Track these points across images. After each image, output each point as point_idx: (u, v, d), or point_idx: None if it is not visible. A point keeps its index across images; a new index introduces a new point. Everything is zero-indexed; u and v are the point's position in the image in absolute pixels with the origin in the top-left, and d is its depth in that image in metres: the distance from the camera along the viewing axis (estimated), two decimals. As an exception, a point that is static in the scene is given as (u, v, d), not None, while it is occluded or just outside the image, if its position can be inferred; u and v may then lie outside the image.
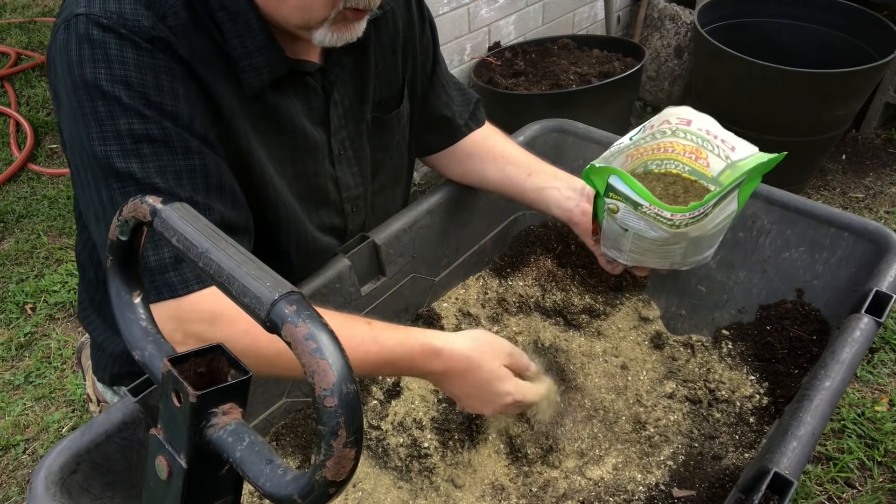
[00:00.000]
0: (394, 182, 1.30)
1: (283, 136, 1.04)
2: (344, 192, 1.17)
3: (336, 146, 1.13)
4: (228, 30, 0.93)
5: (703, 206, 0.92)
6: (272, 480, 0.43)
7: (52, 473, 0.86)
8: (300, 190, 1.10)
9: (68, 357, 2.38)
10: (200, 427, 0.46)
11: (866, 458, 1.90)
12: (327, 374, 0.39)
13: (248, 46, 0.94)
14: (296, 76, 1.03)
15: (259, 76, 0.96)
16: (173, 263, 0.91)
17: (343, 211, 1.18)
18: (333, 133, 1.11)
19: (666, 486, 1.06)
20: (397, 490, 1.08)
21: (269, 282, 0.42)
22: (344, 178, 1.16)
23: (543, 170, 1.25)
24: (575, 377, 1.23)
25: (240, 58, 0.94)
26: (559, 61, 2.94)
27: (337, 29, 0.94)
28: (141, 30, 0.87)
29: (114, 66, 0.86)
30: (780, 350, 1.18)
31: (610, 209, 0.99)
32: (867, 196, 2.90)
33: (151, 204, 0.48)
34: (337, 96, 1.10)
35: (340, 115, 1.11)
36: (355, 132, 1.15)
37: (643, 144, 1.02)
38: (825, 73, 2.48)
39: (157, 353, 0.52)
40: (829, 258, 1.19)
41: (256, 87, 0.97)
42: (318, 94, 1.07)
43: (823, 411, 0.89)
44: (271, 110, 1.01)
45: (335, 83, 1.08)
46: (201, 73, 0.92)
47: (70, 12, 0.89)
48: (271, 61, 0.96)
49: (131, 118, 0.88)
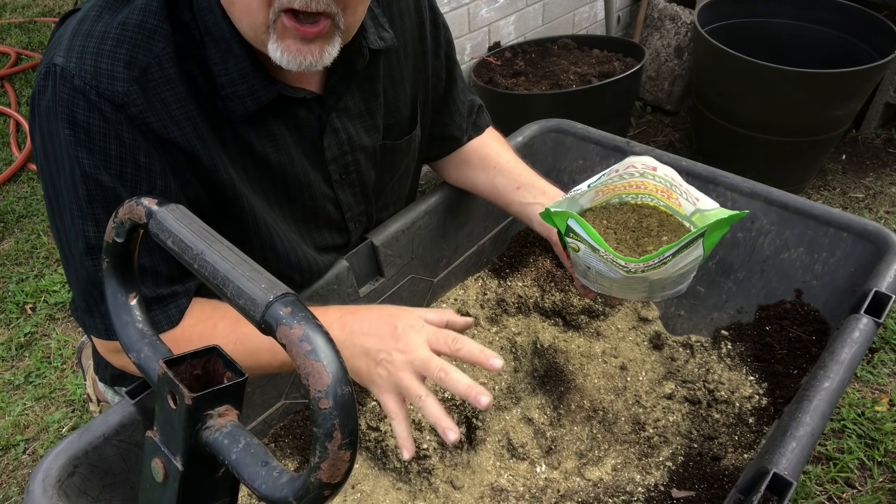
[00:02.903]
0: (397, 200, 1.29)
1: (273, 168, 1.01)
2: (346, 212, 1.15)
3: (336, 172, 1.10)
4: (212, 55, 0.91)
5: (658, 257, 0.91)
6: (268, 483, 0.43)
7: (50, 476, 0.86)
8: (297, 215, 1.08)
9: (68, 357, 2.38)
10: (196, 429, 0.46)
11: (866, 458, 1.90)
12: (322, 375, 0.39)
13: (231, 73, 0.92)
14: (287, 107, 0.99)
15: (243, 105, 0.93)
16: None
17: (347, 229, 1.17)
18: (332, 160, 1.08)
19: (665, 486, 1.06)
20: (396, 491, 1.07)
21: (263, 283, 0.42)
22: (346, 199, 1.14)
23: (533, 184, 1.23)
24: (574, 378, 1.22)
25: (223, 85, 0.92)
26: (559, 61, 2.94)
27: (286, 47, 0.87)
28: (113, 95, 0.85)
29: (79, 132, 0.86)
30: (780, 350, 1.18)
31: (572, 248, 1.00)
32: (867, 196, 2.89)
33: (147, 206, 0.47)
34: (338, 124, 1.06)
35: (343, 141, 1.08)
36: (362, 158, 1.12)
37: (612, 183, 1.02)
38: (825, 73, 2.47)
39: (153, 356, 0.52)
40: (828, 258, 1.18)
41: (241, 116, 0.94)
42: (312, 123, 1.04)
43: (823, 412, 0.89)
44: (257, 145, 0.98)
45: (333, 112, 1.05)
46: (176, 136, 0.90)
47: (50, 58, 0.88)
48: (254, 89, 0.93)
49: (88, 184, 0.88)
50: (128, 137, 0.87)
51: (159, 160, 0.90)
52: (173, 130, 0.90)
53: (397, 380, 0.86)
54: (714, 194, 1.28)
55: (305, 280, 1.13)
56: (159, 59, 0.88)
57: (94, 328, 0.97)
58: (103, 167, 0.87)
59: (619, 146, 1.39)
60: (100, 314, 0.96)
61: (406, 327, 0.88)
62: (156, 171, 0.90)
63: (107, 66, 0.85)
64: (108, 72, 0.85)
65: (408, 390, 0.85)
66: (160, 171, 0.91)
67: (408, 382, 0.85)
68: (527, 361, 1.26)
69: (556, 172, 1.48)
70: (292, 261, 1.08)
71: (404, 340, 0.87)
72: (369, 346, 0.88)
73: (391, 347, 0.87)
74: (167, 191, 0.93)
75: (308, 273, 1.12)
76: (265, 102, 0.95)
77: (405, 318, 0.89)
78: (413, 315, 0.91)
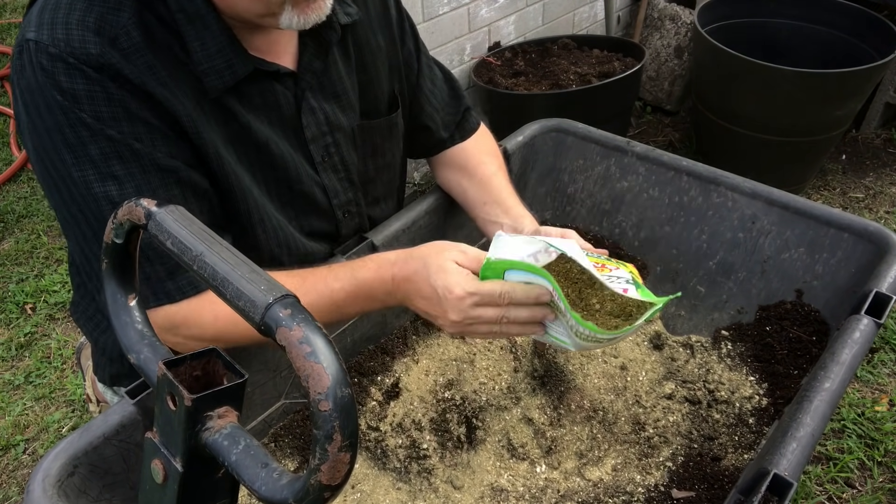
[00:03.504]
0: (386, 195, 1.29)
1: (252, 145, 1.02)
2: (333, 198, 1.15)
3: (317, 153, 1.11)
4: (188, 32, 0.92)
5: (631, 331, 0.94)
6: (267, 484, 0.42)
7: (50, 476, 0.85)
8: (282, 197, 1.09)
9: (68, 357, 2.38)
10: (196, 430, 0.46)
11: (866, 458, 1.90)
12: (322, 377, 0.39)
13: (208, 49, 0.93)
14: (263, 82, 1.01)
15: (221, 79, 0.95)
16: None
17: (335, 217, 1.17)
18: (312, 140, 1.09)
19: (665, 487, 1.06)
20: (396, 491, 1.07)
21: (263, 285, 0.42)
22: (331, 184, 1.14)
23: (500, 201, 1.23)
24: (574, 378, 1.22)
25: (200, 61, 0.93)
26: (559, 61, 2.94)
27: (300, 9, 0.91)
28: (89, 58, 0.86)
29: (66, 96, 0.86)
30: (780, 351, 1.18)
31: None
32: (867, 196, 2.89)
33: (146, 207, 0.47)
34: (314, 103, 1.08)
35: (321, 122, 1.09)
36: (341, 139, 1.13)
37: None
38: (825, 73, 2.47)
39: (153, 357, 0.52)
40: (828, 259, 1.18)
41: (219, 90, 0.95)
42: (289, 100, 1.05)
43: (823, 412, 0.89)
44: (238, 118, 0.99)
45: (309, 90, 1.06)
46: (158, 94, 0.90)
47: (22, 36, 0.89)
48: (232, 62, 0.95)
49: (99, 142, 0.88)
50: (116, 93, 0.88)
51: (150, 113, 0.91)
52: (156, 89, 0.90)
53: (457, 334, 0.98)
54: (715, 194, 1.28)
55: (294, 263, 1.12)
56: (127, 29, 0.89)
57: (155, 296, 0.95)
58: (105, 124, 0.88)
59: (619, 146, 1.39)
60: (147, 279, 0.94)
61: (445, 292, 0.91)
62: (153, 123, 0.91)
63: (78, 34, 0.87)
64: (80, 38, 0.86)
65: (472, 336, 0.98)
66: (157, 124, 0.91)
67: (468, 334, 0.96)
68: (527, 361, 1.26)
69: (557, 172, 1.48)
70: (280, 239, 1.08)
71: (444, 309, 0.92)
72: (420, 308, 0.96)
73: (438, 313, 0.94)
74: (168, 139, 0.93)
75: (297, 256, 1.12)
76: (242, 76, 0.96)
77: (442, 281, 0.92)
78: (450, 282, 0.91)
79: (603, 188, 1.42)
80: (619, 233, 1.41)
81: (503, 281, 0.92)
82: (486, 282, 0.91)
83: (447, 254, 0.94)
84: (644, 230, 1.38)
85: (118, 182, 0.90)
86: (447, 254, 0.94)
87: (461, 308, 0.91)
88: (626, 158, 1.39)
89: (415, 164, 2.96)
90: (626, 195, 1.39)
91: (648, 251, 1.37)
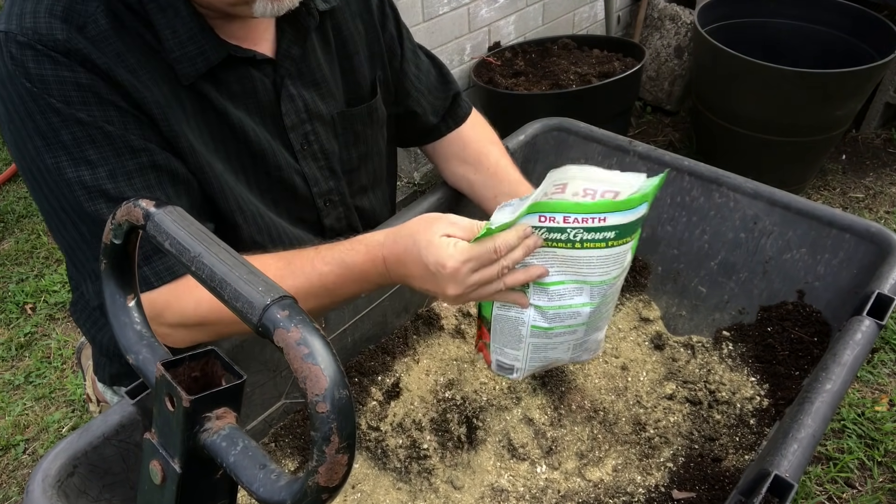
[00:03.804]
0: (373, 184, 1.28)
1: (230, 132, 1.02)
2: (313, 187, 1.14)
3: (297, 141, 1.10)
4: (158, 20, 0.92)
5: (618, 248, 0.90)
6: (265, 486, 0.42)
7: (49, 476, 0.85)
8: (261, 184, 1.08)
9: (68, 357, 2.38)
10: (194, 432, 0.46)
11: (866, 458, 1.90)
12: (319, 379, 0.38)
13: (180, 36, 0.93)
14: (240, 69, 1.01)
15: (193, 65, 0.95)
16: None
17: (315, 206, 1.16)
18: (291, 128, 1.09)
19: (666, 487, 1.06)
20: (396, 491, 1.07)
21: (261, 286, 0.42)
22: (311, 173, 1.13)
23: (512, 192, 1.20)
24: (575, 378, 1.22)
25: (172, 48, 0.93)
26: (559, 61, 2.94)
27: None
28: (56, 43, 0.87)
29: (35, 82, 0.86)
30: (781, 352, 1.18)
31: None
32: (867, 196, 2.89)
33: (145, 207, 0.47)
34: (293, 90, 1.07)
35: (300, 109, 1.09)
36: (321, 127, 1.13)
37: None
38: (825, 73, 2.47)
39: (152, 357, 0.52)
40: (830, 260, 1.18)
41: (192, 77, 0.95)
42: (267, 87, 1.04)
43: (824, 414, 0.88)
44: (214, 105, 0.99)
45: (288, 77, 1.06)
46: (127, 83, 0.90)
47: None
48: (205, 49, 0.95)
49: (70, 127, 0.88)
50: (85, 78, 0.88)
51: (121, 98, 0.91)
52: (123, 76, 0.90)
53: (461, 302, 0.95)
54: (717, 194, 1.28)
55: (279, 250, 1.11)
56: (95, 17, 0.89)
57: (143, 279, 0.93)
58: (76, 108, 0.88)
59: (621, 145, 1.39)
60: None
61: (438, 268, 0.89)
62: (123, 107, 0.91)
63: (45, 22, 0.87)
64: (47, 26, 0.87)
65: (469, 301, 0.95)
66: (128, 108, 0.91)
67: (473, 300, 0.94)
68: (527, 362, 1.26)
69: (557, 172, 1.47)
70: (261, 226, 1.08)
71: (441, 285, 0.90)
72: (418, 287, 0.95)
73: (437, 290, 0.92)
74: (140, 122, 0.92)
75: (280, 242, 1.11)
76: (215, 62, 0.96)
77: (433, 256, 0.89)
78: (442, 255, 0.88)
79: (603, 188, 1.42)
80: (619, 233, 1.41)
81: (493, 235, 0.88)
82: (476, 243, 0.88)
83: (436, 227, 0.90)
84: (645, 230, 1.37)
85: (91, 166, 0.90)
86: (436, 227, 0.90)
87: (458, 279, 0.88)
88: (627, 158, 1.38)
89: (415, 164, 2.96)
90: (627, 195, 1.39)
91: (650, 251, 1.37)
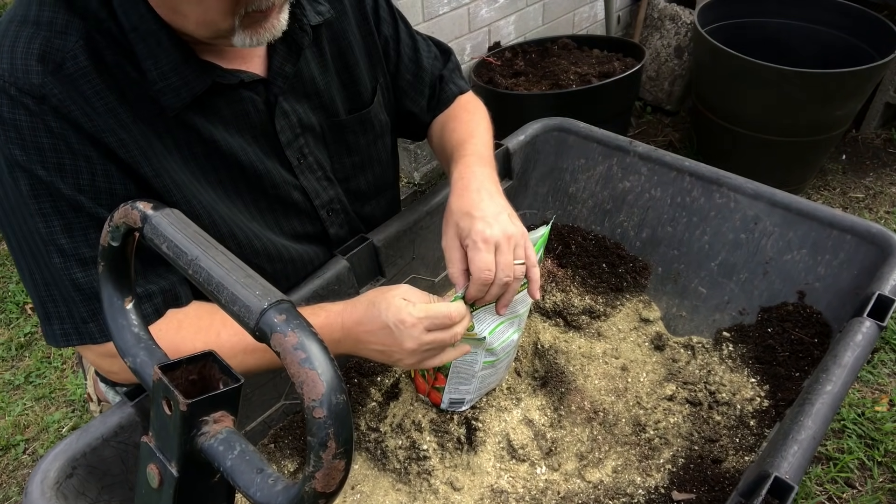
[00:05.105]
0: (376, 192, 1.28)
1: (219, 159, 1.01)
2: (314, 199, 1.14)
3: (293, 157, 1.10)
4: (141, 50, 0.91)
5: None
6: (262, 490, 0.42)
7: (48, 477, 0.85)
8: (259, 203, 1.07)
9: (68, 357, 2.38)
10: (191, 435, 0.46)
11: (866, 458, 1.90)
12: (316, 384, 0.38)
13: (162, 67, 0.92)
14: (229, 93, 0.99)
15: (178, 96, 0.93)
16: None
17: (319, 217, 1.16)
18: (287, 145, 1.08)
19: (665, 489, 1.06)
20: (395, 492, 1.07)
21: (258, 290, 0.41)
22: (311, 185, 1.13)
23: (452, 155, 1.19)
24: (575, 379, 1.22)
25: (155, 80, 0.92)
26: (559, 61, 2.94)
27: (253, 31, 0.90)
28: (31, 88, 0.85)
29: (9, 129, 0.86)
30: (782, 353, 1.18)
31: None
32: (867, 196, 2.89)
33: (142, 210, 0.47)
34: (287, 106, 1.06)
35: (294, 124, 1.08)
36: (311, 138, 1.12)
37: None
38: (825, 73, 2.47)
39: (149, 360, 0.52)
40: (831, 261, 1.18)
41: (176, 108, 0.94)
42: (259, 106, 1.03)
43: (825, 415, 0.88)
44: (201, 133, 0.98)
45: (281, 94, 1.05)
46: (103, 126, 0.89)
47: None
48: (188, 79, 0.93)
49: (30, 179, 0.87)
50: (56, 127, 0.87)
51: (93, 148, 0.90)
52: (97, 120, 0.89)
53: (415, 365, 0.98)
54: (717, 195, 1.28)
55: (278, 269, 1.11)
56: (74, 54, 0.88)
57: (88, 334, 0.94)
58: (39, 162, 0.87)
59: (621, 145, 1.39)
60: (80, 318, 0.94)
61: (398, 323, 0.94)
62: (93, 156, 0.89)
63: (21, 62, 0.86)
64: (23, 67, 0.86)
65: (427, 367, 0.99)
66: (97, 157, 0.90)
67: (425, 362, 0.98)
68: (527, 362, 1.26)
69: (559, 171, 1.47)
70: (258, 248, 1.07)
71: (399, 341, 0.94)
72: (373, 348, 0.97)
73: (394, 347, 0.95)
74: (109, 175, 0.91)
75: (280, 262, 1.11)
76: (199, 92, 0.95)
77: (393, 314, 0.94)
78: (402, 313, 0.93)
79: (605, 188, 1.42)
80: (620, 233, 1.40)
81: (449, 303, 0.98)
82: (432, 305, 0.96)
83: (394, 292, 0.96)
84: (646, 230, 1.37)
85: (46, 220, 0.89)
86: (394, 292, 0.96)
87: (414, 335, 0.93)
88: (628, 158, 1.38)
89: (415, 164, 2.95)
90: (628, 195, 1.39)
91: (650, 251, 1.37)
